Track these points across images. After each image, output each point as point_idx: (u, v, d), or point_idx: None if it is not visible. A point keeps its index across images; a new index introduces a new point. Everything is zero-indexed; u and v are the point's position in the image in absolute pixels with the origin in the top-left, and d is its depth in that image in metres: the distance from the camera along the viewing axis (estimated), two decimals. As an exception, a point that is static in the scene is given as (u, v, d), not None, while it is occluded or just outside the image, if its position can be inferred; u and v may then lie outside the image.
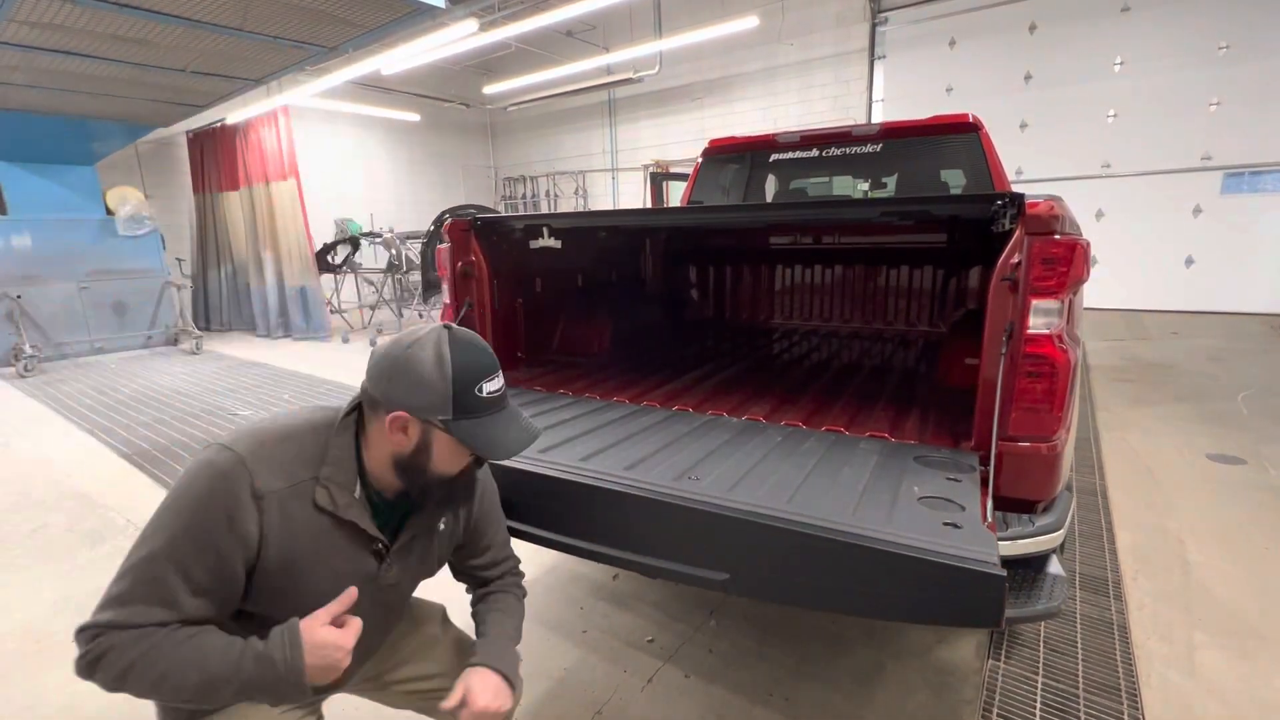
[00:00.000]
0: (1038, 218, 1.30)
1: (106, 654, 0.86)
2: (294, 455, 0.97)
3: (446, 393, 0.97)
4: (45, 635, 2.34)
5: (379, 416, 1.00)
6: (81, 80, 5.53)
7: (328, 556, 1.00)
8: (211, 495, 0.90)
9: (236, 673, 0.88)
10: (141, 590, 0.88)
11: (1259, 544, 2.68)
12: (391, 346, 1.00)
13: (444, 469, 1.02)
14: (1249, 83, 7.13)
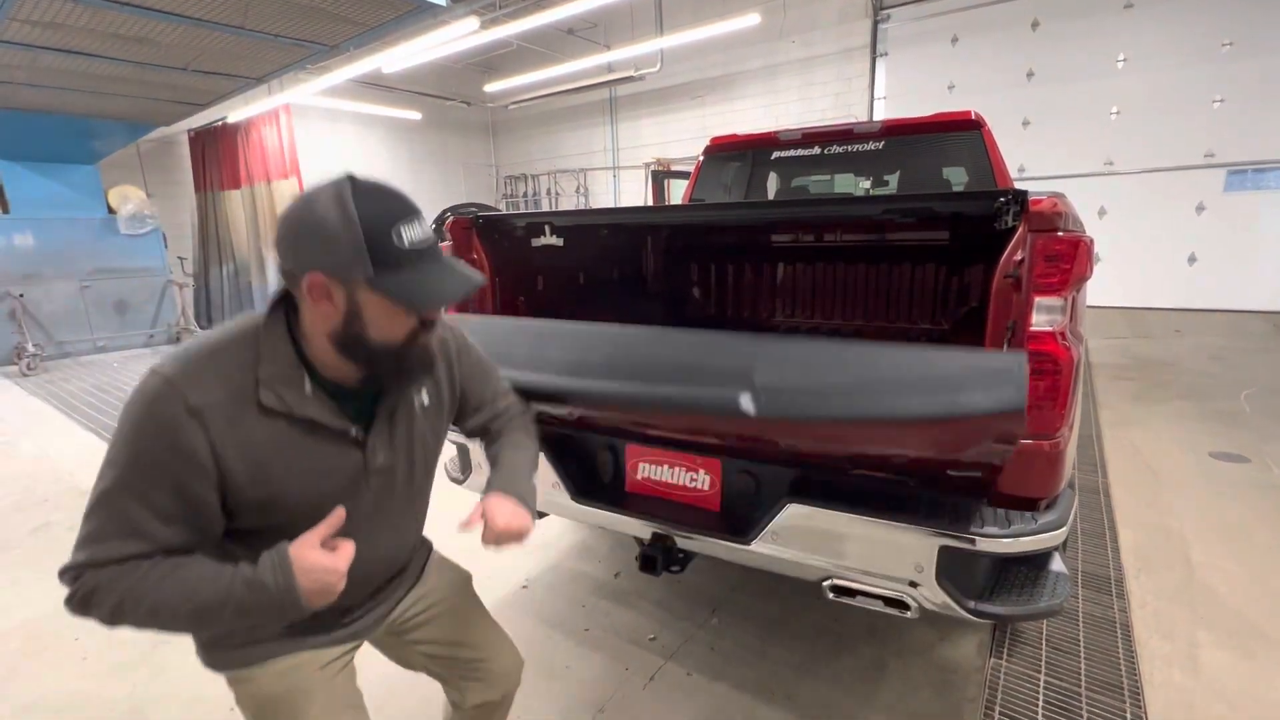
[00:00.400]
0: (1041, 215, 1.29)
1: (94, 592, 0.85)
2: (226, 363, 0.90)
3: (359, 244, 0.85)
4: (48, 634, 2.34)
5: (300, 291, 0.90)
6: (83, 79, 5.54)
7: (301, 459, 0.94)
8: (147, 421, 0.86)
9: (228, 598, 0.86)
10: (110, 526, 0.86)
11: (1262, 543, 2.67)
12: (291, 206, 0.90)
13: (385, 336, 0.91)
14: (1252, 80, 7.10)
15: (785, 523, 1.56)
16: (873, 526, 1.45)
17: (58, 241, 7.56)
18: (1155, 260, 7.90)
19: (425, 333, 0.97)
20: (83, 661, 2.18)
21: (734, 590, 2.45)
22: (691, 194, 4.25)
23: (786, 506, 1.55)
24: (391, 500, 1.08)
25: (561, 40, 10.95)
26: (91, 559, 0.85)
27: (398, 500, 1.10)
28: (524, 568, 2.67)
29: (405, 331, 0.93)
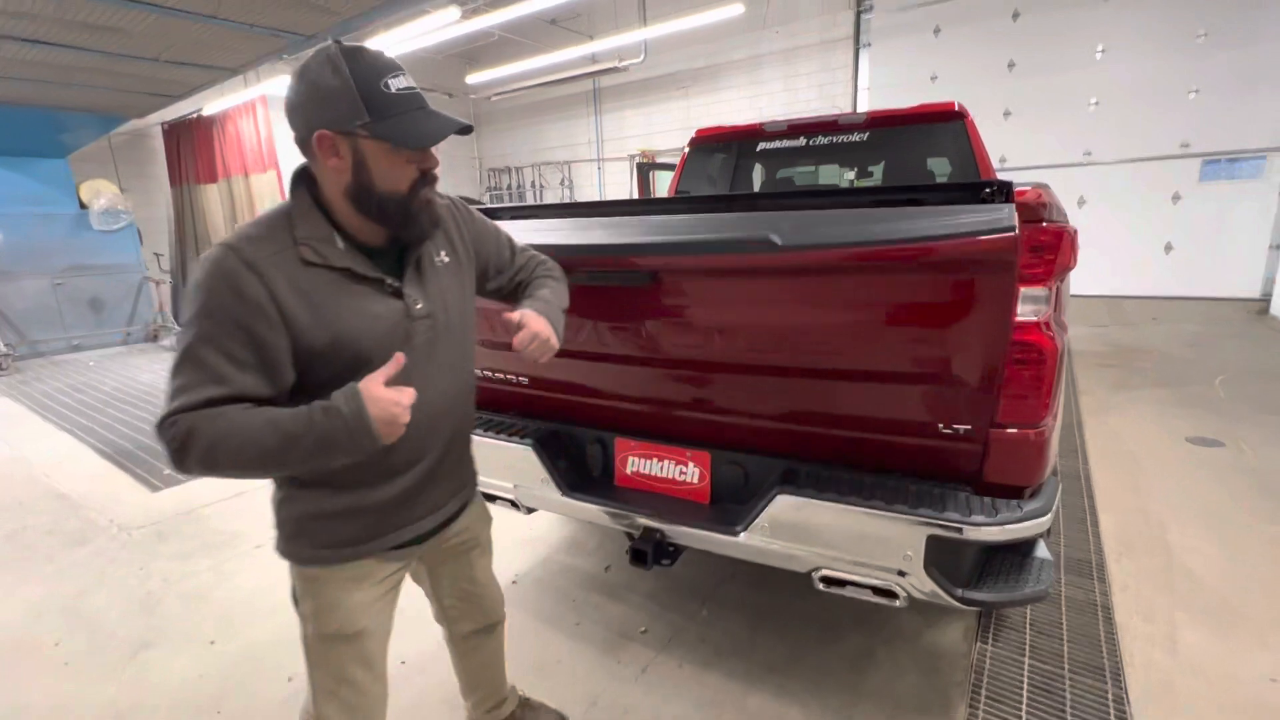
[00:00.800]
0: (1026, 205, 1.30)
1: (190, 436, 0.92)
2: (269, 230, 1.02)
3: (353, 95, 0.97)
4: (28, 640, 2.30)
5: (311, 154, 1.03)
6: (51, 70, 5.37)
7: (352, 303, 1.05)
8: (214, 278, 0.96)
9: (309, 428, 0.95)
10: (194, 376, 0.94)
11: (1238, 525, 2.74)
12: (291, 80, 1.01)
13: (390, 185, 1.03)
14: (1226, 71, 7.22)
15: (775, 514, 1.56)
16: (862, 516, 1.46)
17: (28, 238, 7.36)
18: (1133, 249, 8.04)
19: (426, 184, 1.08)
20: (64, 667, 2.14)
21: (723, 582, 2.46)
22: (677, 186, 4.23)
23: (776, 497, 1.56)
24: (438, 346, 1.17)
25: (544, 30, 10.82)
26: (182, 405, 0.94)
27: (444, 346, 1.18)
28: (513, 563, 2.66)
29: (408, 181, 1.05)
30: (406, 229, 1.09)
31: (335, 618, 1.16)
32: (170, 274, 9.74)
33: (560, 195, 12.89)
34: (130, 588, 2.60)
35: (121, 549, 2.92)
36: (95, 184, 8.00)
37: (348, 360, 1.04)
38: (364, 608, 1.18)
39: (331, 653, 1.18)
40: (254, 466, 0.95)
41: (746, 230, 1.46)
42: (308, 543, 1.14)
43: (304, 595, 1.18)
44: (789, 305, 1.53)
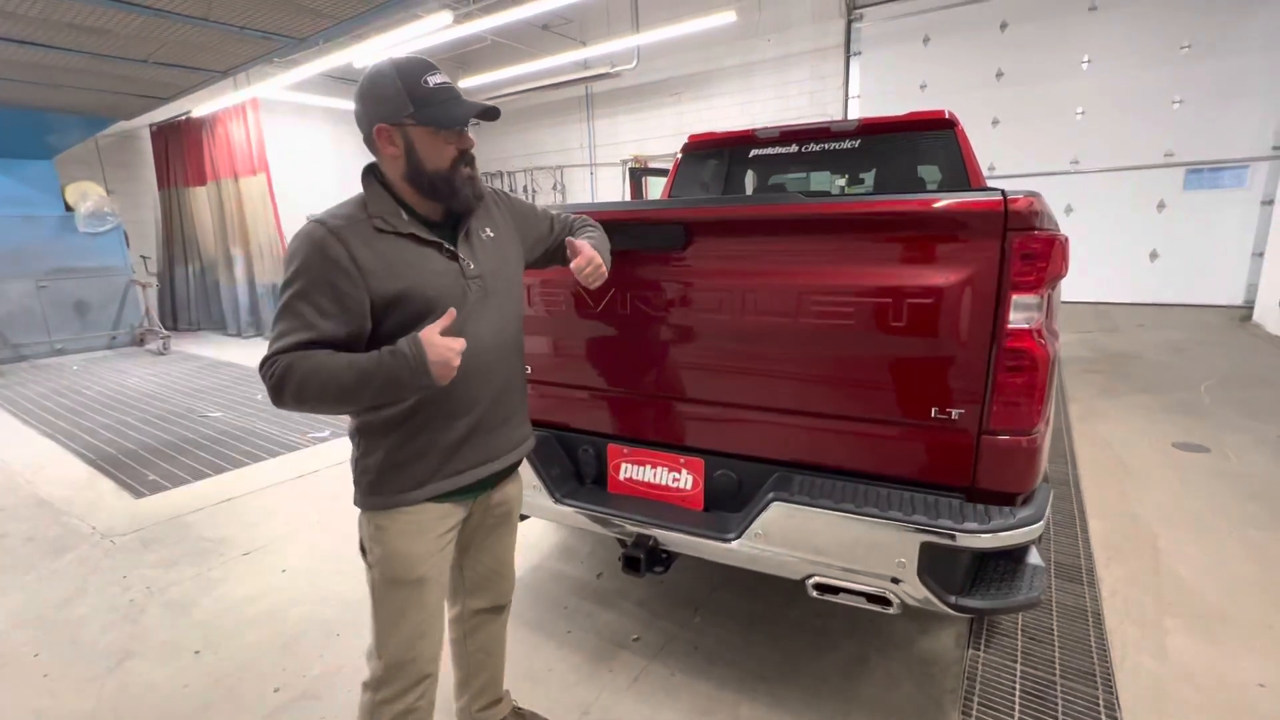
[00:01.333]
0: (1018, 213, 1.31)
1: (286, 373, 1.11)
2: (347, 209, 1.23)
3: (401, 92, 1.19)
4: (7, 650, 2.25)
5: (374, 146, 1.24)
6: (37, 70, 5.31)
7: (417, 260, 1.24)
8: (307, 245, 1.15)
9: (380, 367, 1.14)
10: (289, 324, 1.15)
11: (1224, 530, 2.76)
12: (357, 87, 1.24)
13: (436, 164, 1.24)
14: (1209, 81, 7.34)
15: (769, 521, 1.56)
16: (855, 523, 1.46)
17: (12, 240, 7.26)
18: (1119, 256, 8.14)
19: (465, 162, 1.28)
20: (43, 679, 2.09)
21: (716, 589, 2.45)
22: (670, 192, 4.24)
23: (770, 504, 1.55)
24: (488, 305, 1.34)
25: (536, 36, 10.84)
26: (279, 348, 1.14)
27: (493, 305, 1.36)
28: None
29: (449, 159, 1.25)
30: (455, 199, 1.28)
31: (398, 564, 1.30)
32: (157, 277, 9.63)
33: (553, 199, 12.88)
34: (113, 596, 2.55)
35: (104, 557, 2.87)
36: (81, 186, 7.90)
37: (416, 308, 1.22)
38: (423, 558, 1.32)
39: (394, 596, 1.31)
40: (336, 399, 1.14)
41: None
42: (385, 488, 1.29)
43: (373, 543, 1.31)
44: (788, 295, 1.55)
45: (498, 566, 1.59)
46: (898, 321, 1.44)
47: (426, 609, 1.34)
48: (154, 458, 4.11)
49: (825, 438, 1.64)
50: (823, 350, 1.56)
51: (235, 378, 6.40)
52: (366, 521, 1.33)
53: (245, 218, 8.56)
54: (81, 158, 8.81)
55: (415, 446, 1.29)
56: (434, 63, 1.26)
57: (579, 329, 1.91)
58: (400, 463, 1.29)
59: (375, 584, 1.32)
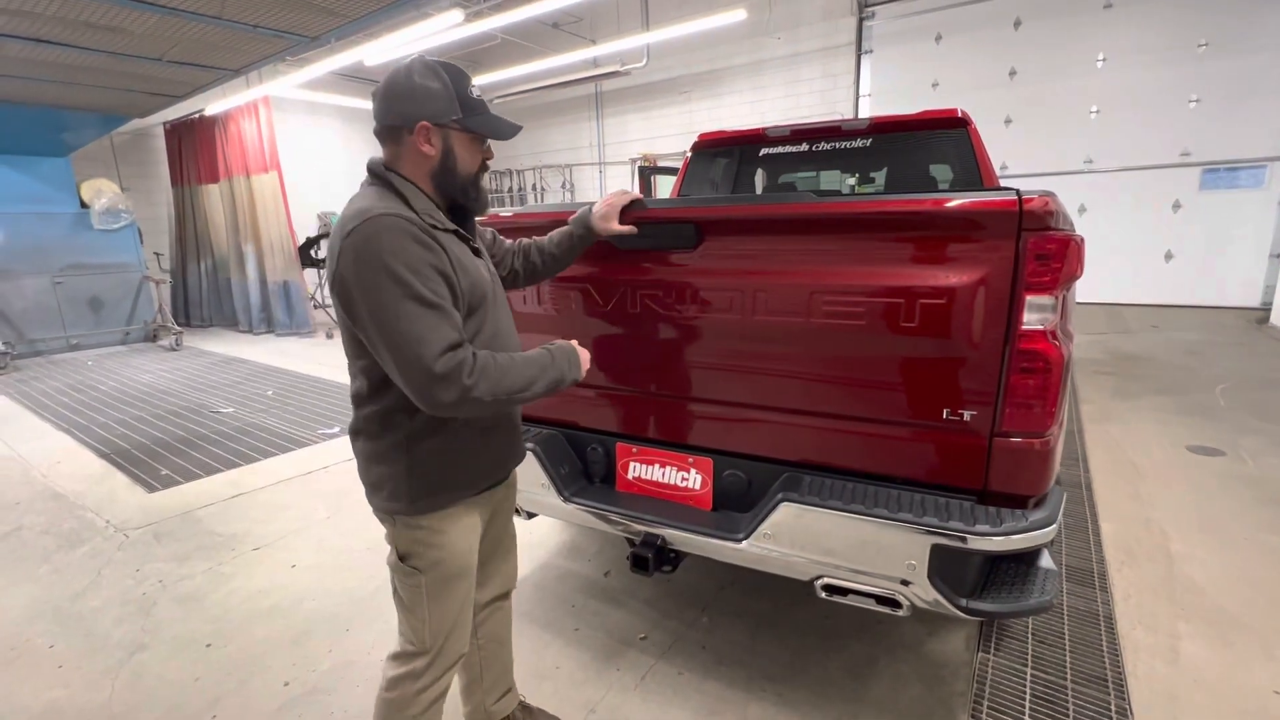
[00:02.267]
0: (1033, 214, 1.30)
1: (485, 369, 1.13)
2: (392, 205, 1.16)
3: (451, 95, 1.20)
4: (21, 641, 2.28)
5: (403, 142, 1.21)
6: (54, 69, 5.38)
7: (467, 257, 1.26)
8: (397, 238, 1.10)
9: (553, 361, 1.27)
10: (435, 319, 1.10)
11: (1239, 534, 2.73)
12: (388, 79, 1.22)
13: (467, 169, 1.26)
14: (1227, 80, 7.24)
15: (778, 521, 1.55)
16: (865, 525, 1.45)
17: (28, 236, 7.35)
18: (1133, 257, 8.05)
19: (485, 171, 1.32)
20: (58, 670, 2.12)
21: (724, 589, 2.45)
22: (680, 190, 4.23)
23: (780, 505, 1.54)
24: (501, 303, 1.39)
25: (546, 34, 10.85)
26: (449, 343, 1.10)
27: (504, 304, 1.41)
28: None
29: (477, 166, 1.29)
30: (476, 203, 1.31)
31: (458, 562, 1.32)
32: (170, 274, 9.74)
33: (561, 198, 12.90)
34: (126, 589, 2.58)
35: (118, 550, 2.90)
36: (96, 183, 7.99)
37: (473, 303, 1.24)
38: (473, 549, 1.37)
39: (452, 593, 1.33)
40: (520, 393, 1.19)
41: None
42: (442, 489, 1.28)
43: (427, 547, 1.29)
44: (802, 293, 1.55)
45: (505, 553, 1.62)
46: (910, 322, 1.43)
47: (471, 592, 1.39)
48: (166, 453, 4.15)
49: (836, 438, 1.63)
50: (834, 350, 1.55)
51: (247, 374, 6.45)
52: (413, 527, 1.28)
53: (257, 215, 8.63)
54: (96, 155, 8.91)
55: (463, 442, 1.29)
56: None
57: (588, 328, 1.91)
58: (453, 461, 1.29)
59: (426, 587, 1.30)
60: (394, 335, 1.08)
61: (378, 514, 1.33)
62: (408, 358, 1.08)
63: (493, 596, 1.61)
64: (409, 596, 1.32)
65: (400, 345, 1.08)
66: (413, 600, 1.31)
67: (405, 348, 1.08)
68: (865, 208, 1.51)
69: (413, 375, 1.09)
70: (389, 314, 1.08)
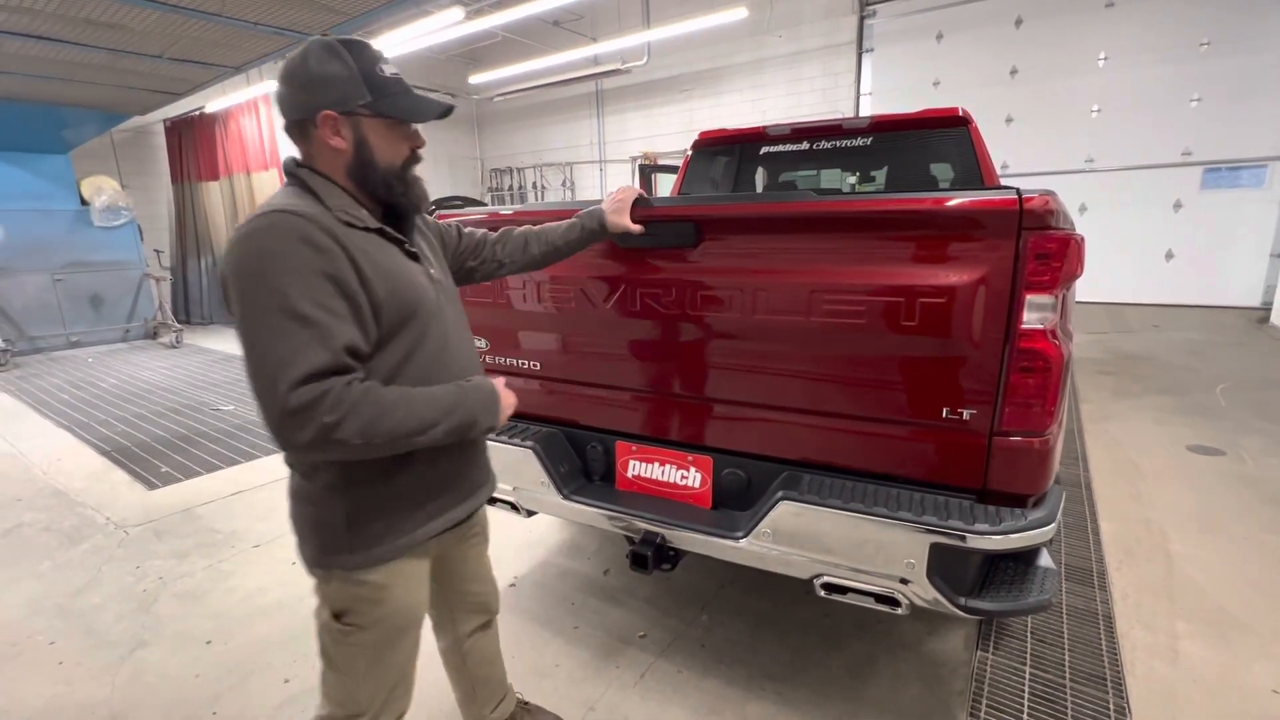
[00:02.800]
0: (1033, 213, 1.29)
1: (356, 408, 0.93)
2: (300, 200, 1.03)
3: (356, 78, 1.05)
4: (22, 637, 2.28)
5: (311, 137, 1.07)
6: (54, 66, 5.37)
7: (393, 260, 1.10)
8: (282, 237, 0.95)
9: (461, 400, 1.08)
10: (302, 337, 0.92)
11: (1238, 534, 2.73)
12: (288, 68, 1.07)
13: (388, 159, 1.11)
14: (1229, 79, 7.23)
15: (777, 520, 1.55)
16: (865, 523, 1.45)
17: (28, 234, 7.35)
18: (1134, 256, 8.04)
19: (415, 161, 1.16)
20: (59, 666, 2.12)
21: (724, 587, 2.45)
22: (680, 188, 4.23)
23: (779, 503, 1.55)
24: (448, 313, 1.23)
25: (547, 32, 10.83)
26: (312, 370, 0.91)
27: (452, 313, 1.25)
28: (512, 566, 2.65)
29: (403, 157, 1.13)
30: (405, 197, 1.15)
31: (404, 616, 1.17)
32: (171, 271, 9.73)
33: (562, 196, 12.89)
34: (126, 586, 2.59)
35: (118, 547, 2.91)
36: (97, 180, 7.99)
37: (401, 315, 1.08)
38: (424, 600, 1.24)
39: (398, 647, 1.18)
40: (410, 437, 1.01)
41: None
42: (383, 538, 1.11)
43: (370, 604, 1.12)
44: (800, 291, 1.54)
45: (484, 585, 1.50)
46: (910, 321, 1.43)
47: (418, 645, 1.24)
48: (167, 450, 4.15)
49: (835, 437, 1.63)
50: (834, 349, 1.54)
51: (247, 371, 6.45)
52: (353, 583, 1.10)
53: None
54: (96, 152, 8.90)
55: (413, 481, 1.13)
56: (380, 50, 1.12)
57: (588, 326, 1.91)
58: (401, 506, 1.12)
59: (366, 645, 1.14)
60: (253, 353, 0.93)
61: (306, 569, 1.13)
62: (262, 384, 0.92)
63: (475, 627, 1.50)
64: (343, 656, 1.14)
65: (257, 367, 0.92)
66: (348, 660, 1.14)
67: (261, 371, 0.92)
68: (865, 206, 1.51)
69: (263, 406, 0.92)
70: (252, 327, 0.93)
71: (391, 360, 1.08)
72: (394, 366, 1.08)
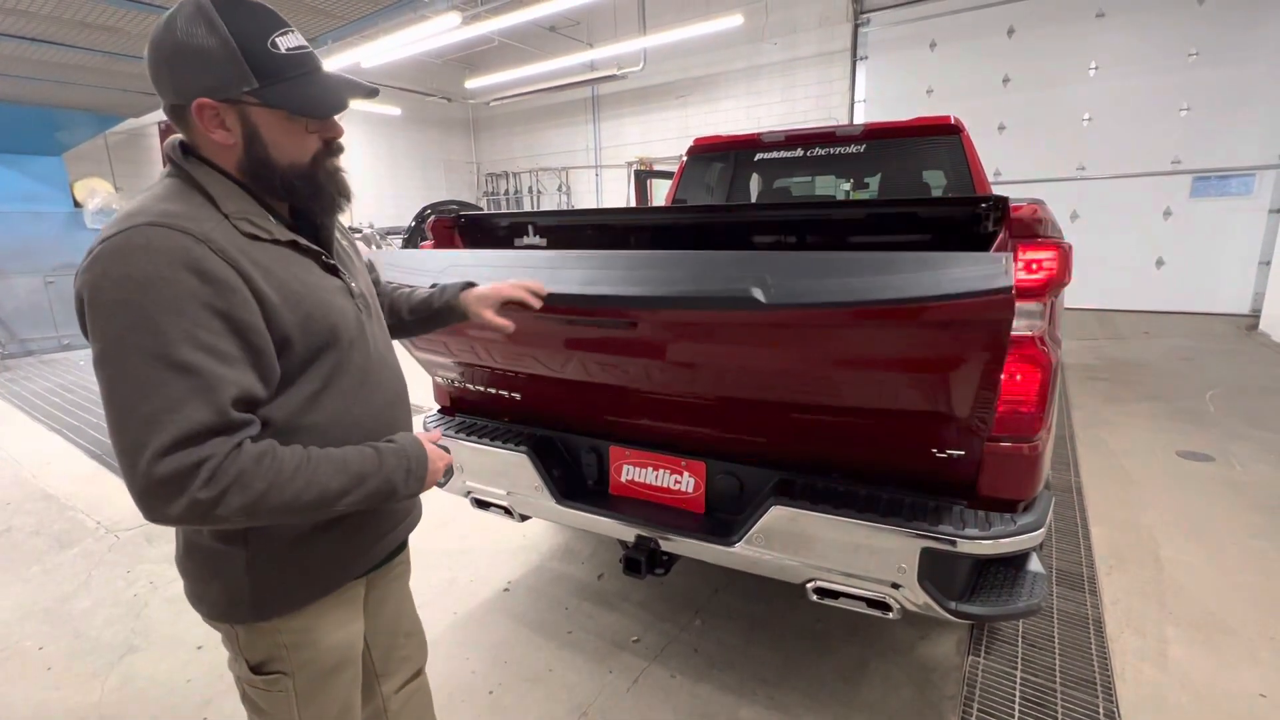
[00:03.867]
0: (1021, 221, 1.31)
1: (243, 478, 0.77)
2: (188, 205, 0.83)
3: (236, 57, 0.81)
4: (10, 644, 2.26)
5: (191, 125, 0.86)
6: (48, 68, 5.36)
7: (307, 277, 0.91)
8: (163, 261, 0.76)
9: (379, 467, 0.90)
10: (179, 388, 0.74)
11: (1227, 539, 2.75)
12: (153, 37, 0.84)
13: (291, 157, 0.89)
14: (1217, 89, 7.33)
15: (770, 525, 1.56)
16: (856, 528, 1.46)
17: (20, 235, 7.31)
18: (1125, 264, 8.12)
19: (332, 154, 0.95)
20: (47, 671, 2.11)
21: (717, 592, 2.46)
22: (675, 194, 4.25)
23: (771, 508, 1.56)
24: (373, 331, 1.05)
25: (544, 37, 10.88)
26: (185, 433, 0.74)
27: (377, 331, 1.07)
28: (506, 570, 2.64)
29: (310, 152, 0.92)
30: (315, 201, 0.95)
31: (336, 651, 1.02)
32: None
33: (558, 201, 12.93)
34: (117, 590, 2.57)
35: (109, 551, 2.89)
36: (90, 182, 7.96)
37: (314, 346, 0.90)
38: (357, 635, 1.08)
39: (333, 687, 1.03)
40: (313, 509, 0.85)
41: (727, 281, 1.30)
42: (311, 579, 0.98)
43: (293, 650, 0.98)
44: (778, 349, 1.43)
45: (411, 626, 1.28)
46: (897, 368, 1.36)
47: (358, 681, 1.09)
48: (159, 453, 4.13)
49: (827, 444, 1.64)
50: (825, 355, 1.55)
51: (240, 375, 6.42)
52: (267, 634, 0.96)
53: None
54: (90, 154, 8.88)
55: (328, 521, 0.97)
56: (281, 15, 0.88)
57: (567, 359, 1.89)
58: (313, 549, 0.96)
59: (296, 690, 0.99)
60: (113, 403, 0.76)
61: (210, 623, 0.99)
62: (124, 444, 0.75)
63: (403, 682, 1.26)
64: (271, 705, 1.00)
65: (119, 422, 0.75)
66: (277, 708, 1.00)
67: (124, 429, 0.75)
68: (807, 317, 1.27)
69: (124, 469, 0.75)
70: (115, 373, 0.75)
71: (300, 397, 0.90)
72: (303, 403, 0.90)
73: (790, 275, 1.22)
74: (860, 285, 1.16)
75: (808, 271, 1.22)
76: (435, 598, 2.45)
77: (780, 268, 1.24)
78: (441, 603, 2.42)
